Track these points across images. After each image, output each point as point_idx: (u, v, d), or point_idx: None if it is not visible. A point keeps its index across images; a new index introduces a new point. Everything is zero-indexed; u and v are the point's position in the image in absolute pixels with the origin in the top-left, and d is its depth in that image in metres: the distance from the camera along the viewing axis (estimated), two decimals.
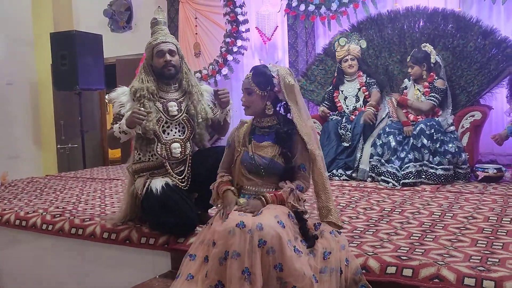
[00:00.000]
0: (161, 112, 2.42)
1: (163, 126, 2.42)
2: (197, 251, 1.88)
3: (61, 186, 4.06)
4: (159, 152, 2.38)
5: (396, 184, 3.46)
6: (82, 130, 5.82)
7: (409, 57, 3.85)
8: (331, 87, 4.37)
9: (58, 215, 2.82)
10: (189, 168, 2.43)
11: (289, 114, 2.04)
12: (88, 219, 2.69)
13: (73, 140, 6.59)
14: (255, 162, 1.97)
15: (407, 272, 1.75)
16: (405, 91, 3.93)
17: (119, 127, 2.33)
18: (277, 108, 2.05)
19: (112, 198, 3.41)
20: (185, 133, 2.46)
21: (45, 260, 2.81)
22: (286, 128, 1.98)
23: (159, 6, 5.91)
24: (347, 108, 4.21)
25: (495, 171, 3.55)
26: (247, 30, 5.63)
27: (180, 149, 2.40)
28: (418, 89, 3.83)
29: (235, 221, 1.73)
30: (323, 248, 1.83)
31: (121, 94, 2.43)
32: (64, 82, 5.77)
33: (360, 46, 4.24)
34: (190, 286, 1.79)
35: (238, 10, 5.56)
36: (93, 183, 4.23)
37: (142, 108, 2.32)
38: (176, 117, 2.44)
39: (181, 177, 2.40)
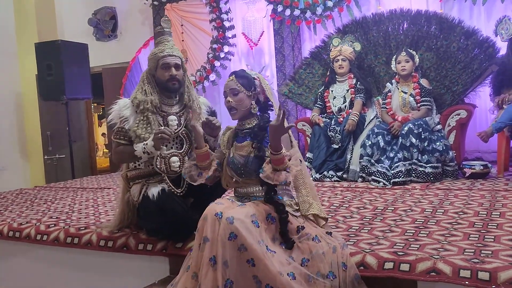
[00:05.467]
0: (161, 126, 2.40)
1: None
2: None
3: (51, 197, 4.02)
4: (158, 166, 2.35)
5: (386, 183, 3.51)
6: (70, 140, 5.77)
7: (403, 52, 3.88)
8: (323, 87, 4.43)
9: (53, 225, 2.80)
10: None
11: (271, 112, 2.08)
12: (83, 228, 2.68)
13: (60, 151, 6.54)
14: (236, 162, 2.02)
15: (405, 267, 1.79)
16: (389, 94, 3.99)
17: (144, 148, 2.29)
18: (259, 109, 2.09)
19: (106, 206, 3.40)
20: (184, 147, 2.45)
21: (40, 271, 2.79)
22: (261, 122, 2.02)
23: (165, 15, 5.92)
24: (334, 107, 4.27)
25: (481, 167, 3.63)
26: (234, 36, 5.68)
27: (179, 163, 2.38)
28: (402, 91, 3.89)
29: (214, 211, 1.80)
30: (302, 255, 1.82)
31: (123, 107, 2.39)
32: (50, 92, 5.72)
33: (353, 48, 4.30)
34: None
35: (224, 16, 5.61)
36: (84, 192, 4.20)
37: (165, 128, 2.28)
38: (176, 131, 2.44)
39: (179, 190, 2.38)
